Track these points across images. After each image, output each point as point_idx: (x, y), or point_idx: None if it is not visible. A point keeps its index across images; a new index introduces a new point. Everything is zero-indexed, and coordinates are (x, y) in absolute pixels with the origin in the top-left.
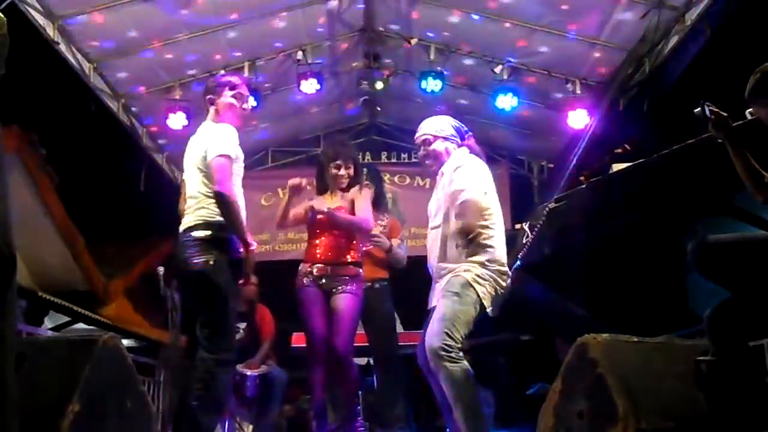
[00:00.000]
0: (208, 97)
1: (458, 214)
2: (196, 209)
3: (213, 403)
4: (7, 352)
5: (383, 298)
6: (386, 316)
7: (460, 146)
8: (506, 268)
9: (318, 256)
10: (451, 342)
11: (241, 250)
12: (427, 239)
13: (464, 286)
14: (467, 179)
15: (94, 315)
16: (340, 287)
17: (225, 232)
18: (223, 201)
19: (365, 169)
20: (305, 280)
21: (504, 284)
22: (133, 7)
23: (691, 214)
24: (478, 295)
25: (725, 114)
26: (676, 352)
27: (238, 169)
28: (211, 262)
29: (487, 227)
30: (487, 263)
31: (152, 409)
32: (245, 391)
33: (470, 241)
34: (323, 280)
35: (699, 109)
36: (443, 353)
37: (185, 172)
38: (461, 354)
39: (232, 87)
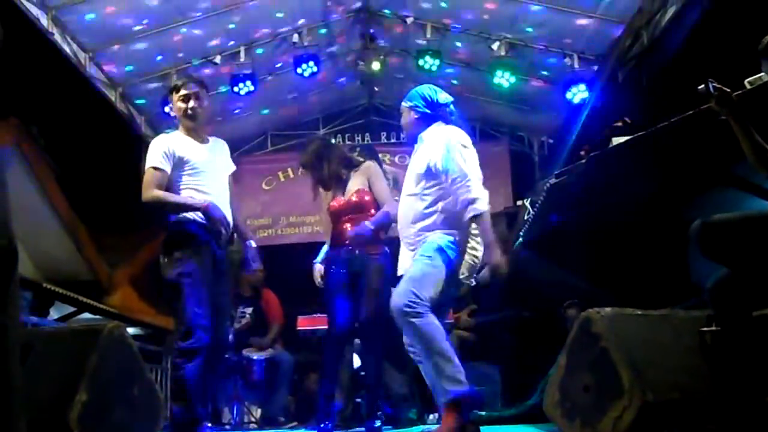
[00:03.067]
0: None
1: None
2: None
3: (178, 392)
4: (11, 345)
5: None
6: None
7: (430, 116)
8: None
9: (345, 239)
10: (416, 299)
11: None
12: (399, 206)
13: (437, 251)
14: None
15: (100, 304)
16: (368, 264)
17: (174, 229)
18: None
19: (358, 149)
20: (334, 267)
21: (479, 252)
22: None
23: (692, 185)
24: (450, 260)
25: (729, 90)
26: (680, 323)
27: (188, 168)
28: (164, 261)
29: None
30: (459, 228)
31: (160, 396)
32: (253, 375)
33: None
34: (353, 261)
35: (703, 86)
36: (408, 309)
37: None
38: (427, 310)
39: (176, 90)
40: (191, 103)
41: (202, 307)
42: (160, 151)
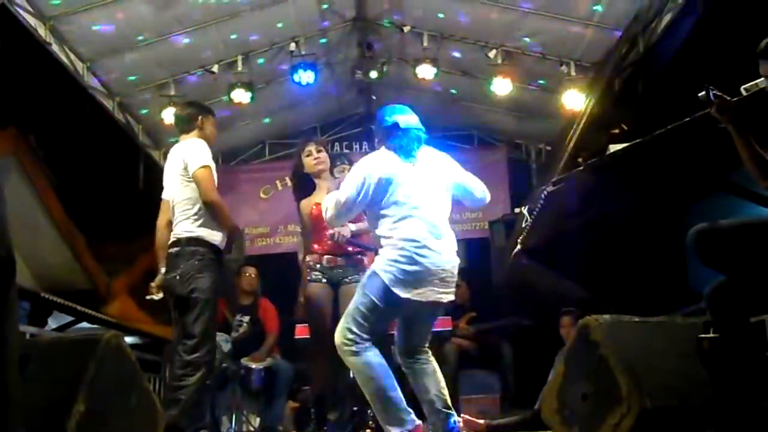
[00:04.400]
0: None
1: None
2: (174, 225)
3: (177, 401)
4: (10, 355)
5: None
6: None
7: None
8: (421, 243)
9: (328, 247)
10: (351, 336)
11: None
12: None
13: (369, 277)
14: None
15: (98, 314)
16: (349, 276)
17: (192, 246)
18: (213, 208)
19: (346, 161)
20: (314, 274)
21: (421, 260)
22: (123, 5)
23: (689, 192)
24: (384, 283)
25: (730, 98)
26: (677, 330)
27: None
28: (177, 276)
29: (391, 210)
30: (392, 247)
31: (158, 406)
32: (251, 384)
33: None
34: (334, 271)
35: (703, 92)
36: (345, 348)
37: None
38: (366, 345)
39: (213, 114)
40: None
41: (214, 322)
42: (209, 153)
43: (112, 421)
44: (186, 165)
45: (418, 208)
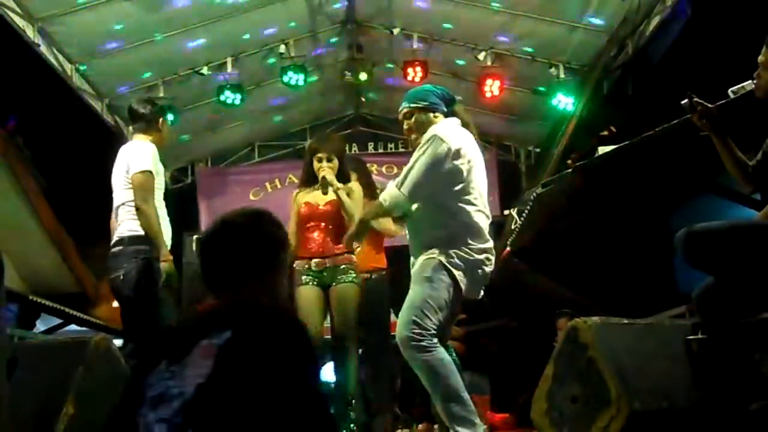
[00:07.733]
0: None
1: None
2: (119, 225)
3: None
4: None
5: (379, 288)
6: (379, 307)
7: (448, 115)
8: (489, 245)
9: (315, 249)
10: (420, 330)
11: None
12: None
13: (436, 269)
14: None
15: (86, 316)
16: (340, 277)
17: (135, 245)
18: (142, 215)
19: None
20: (304, 278)
21: (488, 265)
22: (113, 7)
23: (677, 193)
24: (454, 279)
25: (710, 106)
26: (666, 332)
27: (157, 183)
28: (120, 277)
29: (468, 202)
30: (465, 244)
31: None
32: None
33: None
34: (324, 273)
35: (685, 100)
36: (413, 343)
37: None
38: (434, 341)
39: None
40: None
41: (163, 320)
42: (154, 158)
43: (101, 424)
44: (128, 168)
45: (483, 196)
